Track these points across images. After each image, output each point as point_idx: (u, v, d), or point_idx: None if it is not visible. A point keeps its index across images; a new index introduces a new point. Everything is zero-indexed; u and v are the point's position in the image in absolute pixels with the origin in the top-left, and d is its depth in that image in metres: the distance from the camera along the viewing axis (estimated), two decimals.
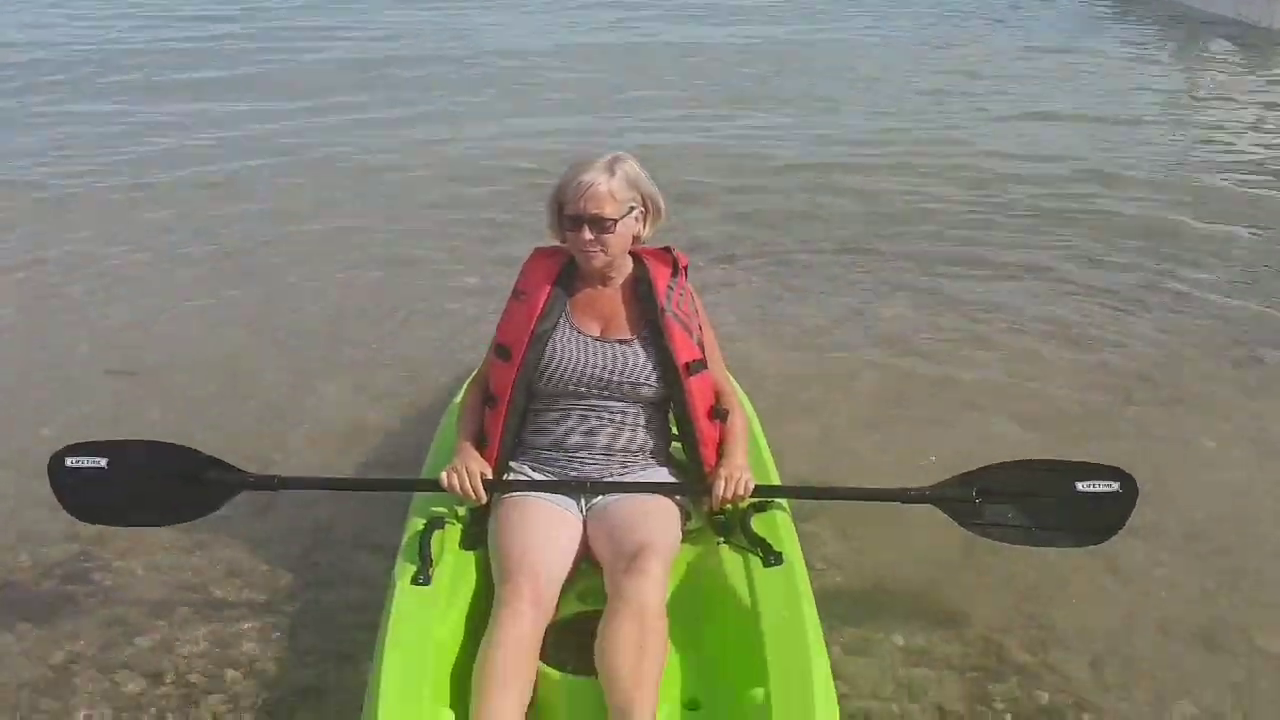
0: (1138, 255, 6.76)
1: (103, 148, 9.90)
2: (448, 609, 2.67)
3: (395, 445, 4.46)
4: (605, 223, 2.94)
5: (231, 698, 2.98)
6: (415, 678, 2.41)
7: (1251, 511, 3.92)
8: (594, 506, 2.95)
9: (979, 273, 6.45)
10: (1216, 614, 3.35)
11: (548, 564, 2.75)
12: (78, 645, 3.21)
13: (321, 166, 9.27)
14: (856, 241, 7.12)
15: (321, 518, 3.88)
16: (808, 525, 3.52)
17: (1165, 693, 2.99)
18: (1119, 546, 3.16)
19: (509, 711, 2.39)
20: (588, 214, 2.92)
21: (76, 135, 10.33)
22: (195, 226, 7.65)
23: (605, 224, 2.94)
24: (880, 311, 5.94)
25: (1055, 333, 5.58)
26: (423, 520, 2.95)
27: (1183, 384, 5.02)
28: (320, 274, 6.66)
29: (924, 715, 2.89)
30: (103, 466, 3.10)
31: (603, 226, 2.94)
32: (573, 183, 2.95)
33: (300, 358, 5.44)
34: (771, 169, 8.98)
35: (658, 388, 3.03)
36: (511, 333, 3.06)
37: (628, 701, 2.35)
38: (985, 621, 3.29)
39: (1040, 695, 2.97)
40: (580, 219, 2.94)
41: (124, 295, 6.33)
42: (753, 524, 2.93)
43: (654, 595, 2.59)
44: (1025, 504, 3.08)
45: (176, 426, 4.50)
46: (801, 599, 2.66)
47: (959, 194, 8.16)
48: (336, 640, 3.22)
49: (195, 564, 3.64)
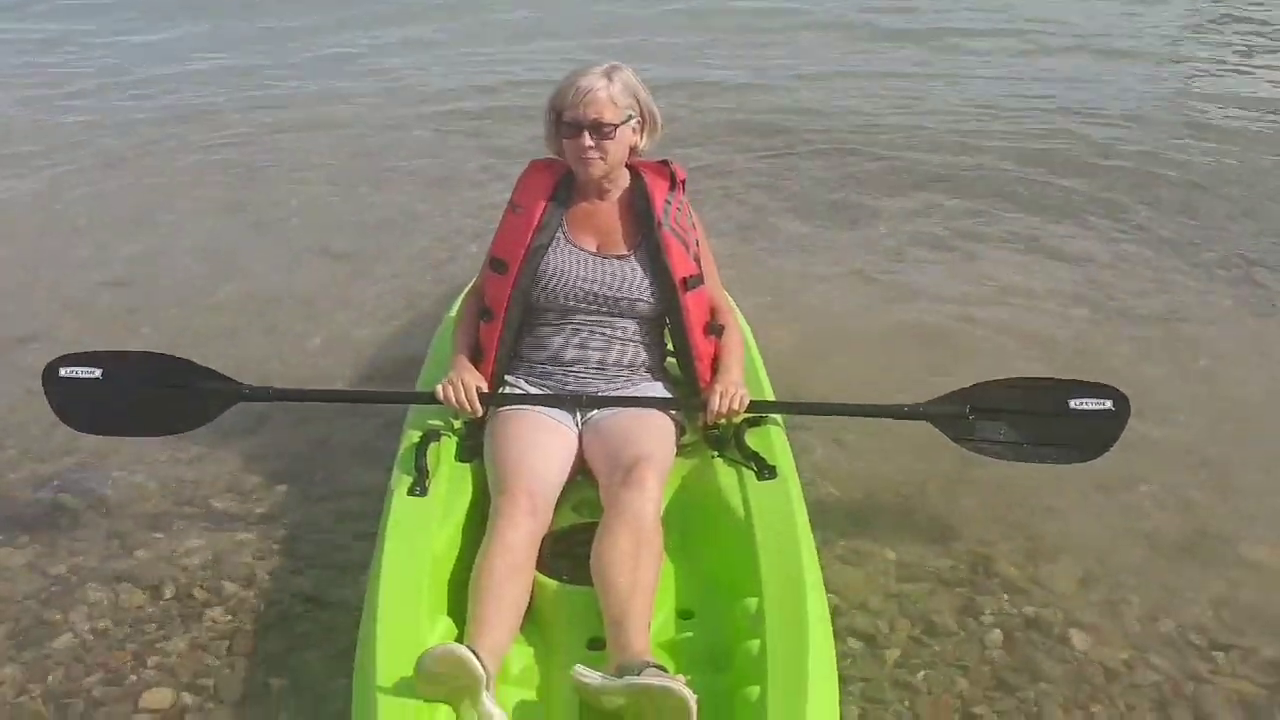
0: (1133, 178, 6.71)
1: (94, 66, 9.80)
2: (444, 520, 2.69)
3: (390, 358, 4.46)
4: (605, 128, 2.90)
5: (231, 609, 3.01)
6: (413, 588, 2.44)
7: (1240, 427, 3.94)
8: (590, 420, 2.96)
9: (974, 193, 6.42)
10: (1203, 527, 3.38)
11: (544, 475, 2.76)
12: (77, 558, 3.24)
13: (314, 84, 9.18)
14: (852, 159, 7.07)
15: (318, 430, 3.90)
16: (802, 440, 3.54)
17: (1152, 605, 3.02)
18: (1109, 462, 3.18)
19: (505, 618, 2.41)
20: (587, 119, 2.89)
21: (71, 52, 10.21)
22: (188, 143, 7.60)
23: (605, 129, 2.90)
24: (876, 228, 5.92)
25: (1051, 253, 5.56)
26: (419, 433, 2.96)
27: (1178, 303, 5.02)
28: (313, 189, 6.62)
29: (913, 628, 2.93)
30: (97, 376, 3.10)
31: (602, 132, 2.90)
32: (572, 87, 2.90)
33: (293, 271, 5.43)
34: (768, 90, 8.87)
35: (654, 303, 3.02)
36: (507, 246, 3.04)
37: (623, 611, 2.38)
38: (975, 535, 3.32)
39: (1028, 609, 3.00)
40: (579, 124, 2.90)
41: (117, 209, 6.30)
42: (747, 438, 2.95)
43: (649, 507, 2.61)
44: (1019, 421, 3.10)
45: (170, 340, 4.50)
46: (795, 512, 2.68)
47: (955, 118, 8.08)
48: (334, 551, 3.25)
49: (193, 477, 3.66)
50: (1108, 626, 2.94)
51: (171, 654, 2.84)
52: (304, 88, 9.05)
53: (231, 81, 9.52)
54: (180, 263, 5.56)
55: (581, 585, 2.54)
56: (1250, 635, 2.90)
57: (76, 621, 2.97)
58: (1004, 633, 2.91)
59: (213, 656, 2.83)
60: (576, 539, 2.69)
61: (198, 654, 2.84)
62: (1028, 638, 2.89)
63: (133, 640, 2.90)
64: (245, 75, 9.71)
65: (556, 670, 2.39)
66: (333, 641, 2.83)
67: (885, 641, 2.87)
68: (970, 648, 2.85)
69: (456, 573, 2.61)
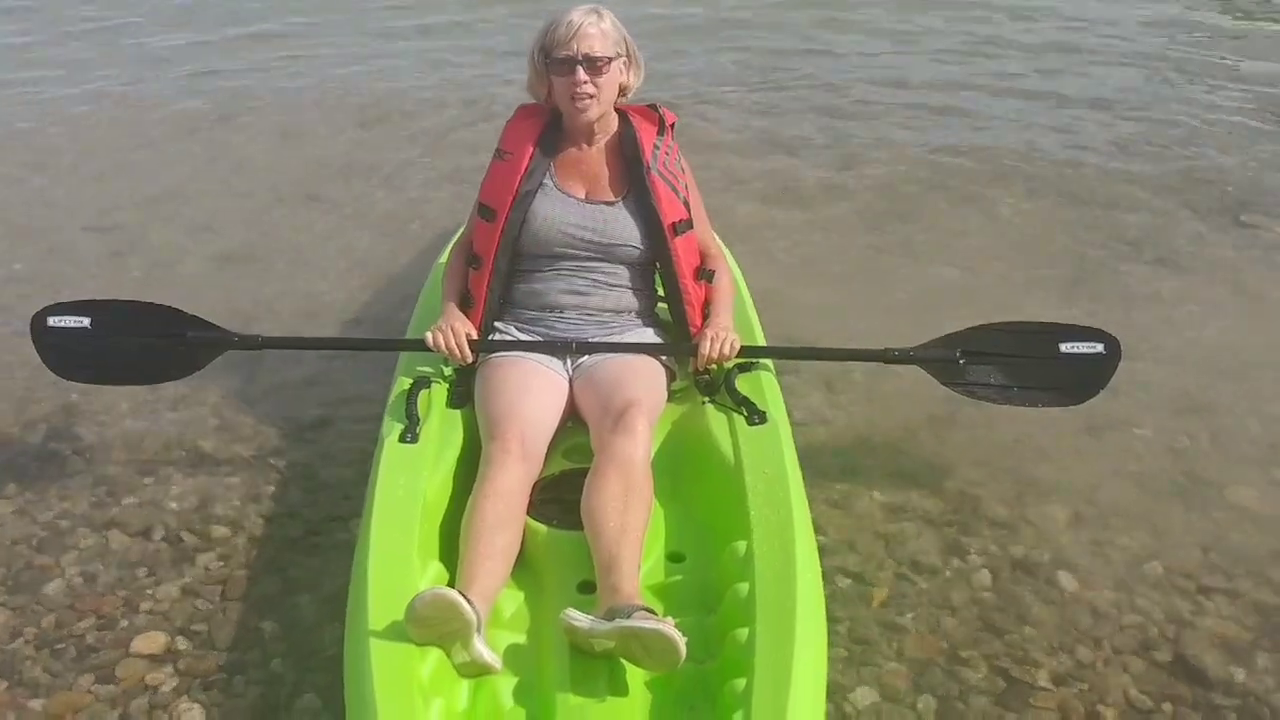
0: (1123, 120, 6.70)
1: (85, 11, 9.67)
2: (435, 466, 2.69)
3: (380, 305, 4.45)
4: (598, 62, 2.86)
5: (222, 555, 3.02)
6: (404, 533, 2.44)
7: (1229, 371, 3.97)
8: (580, 366, 2.95)
9: (967, 132, 6.40)
10: (1191, 470, 3.41)
11: (534, 420, 2.76)
12: (66, 503, 3.25)
13: (303, 27, 9.06)
14: (844, 98, 7.02)
15: (308, 376, 3.90)
16: (792, 385, 3.54)
17: (1139, 547, 3.05)
18: (1098, 405, 3.19)
19: (496, 561, 2.42)
20: (580, 54, 2.85)
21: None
22: (175, 88, 7.52)
23: (598, 63, 2.86)
24: (868, 170, 5.89)
25: (1043, 195, 5.57)
26: (409, 379, 2.95)
27: (1169, 246, 5.03)
28: (300, 134, 6.56)
29: (900, 567, 2.95)
30: (86, 326, 3.08)
31: (596, 67, 2.86)
32: (562, 24, 2.86)
33: (281, 218, 5.40)
34: (754, 24, 8.78)
35: (643, 249, 3.00)
36: (495, 193, 3.01)
37: (612, 555, 2.38)
38: (964, 478, 3.34)
39: (1016, 549, 3.03)
40: (573, 60, 2.85)
41: (103, 155, 6.24)
42: (737, 383, 2.94)
43: (640, 451, 2.61)
44: (1009, 364, 3.10)
45: (158, 287, 4.48)
46: (785, 456, 2.68)
47: (952, 55, 8.05)
48: (325, 495, 3.26)
49: (182, 422, 3.66)
50: (1096, 568, 2.97)
51: (163, 599, 2.85)
52: (293, 31, 8.94)
53: (220, 23, 9.39)
54: (168, 208, 5.52)
55: (572, 530, 2.54)
56: (1236, 578, 2.94)
57: (67, 567, 2.98)
58: (992, 573, 2.94)
59: (205, 601, 2.84)
60: (567, 485, 2.68)
61: (189, 599, 2.85)
62: (1015, 578, 2.92)
63: (124, 585, 2.91)
64: (234, 17, 9.57)
65: (547, 614, 2.40)
66: (324, 585, 2.85)
67: (872, 580, 2.90)
68: (958, 588, 2.88)
69: (448, 519, 2.61)
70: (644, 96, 3.10)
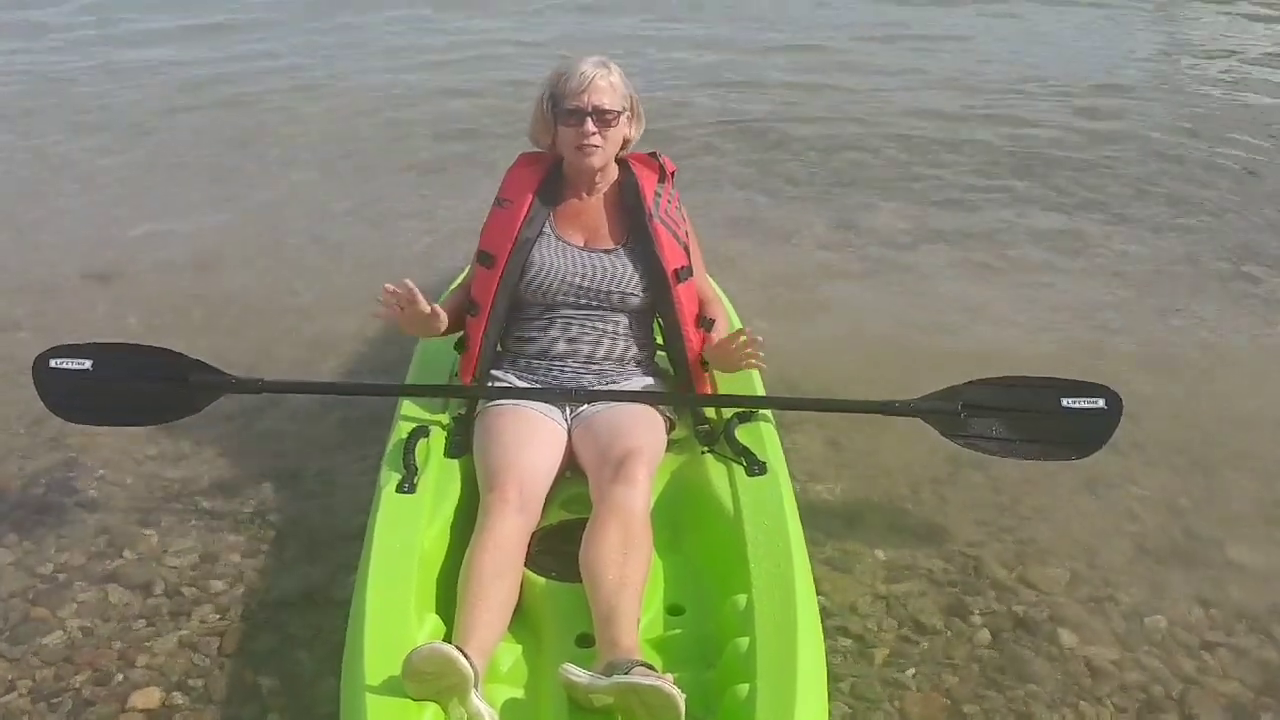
0: (1125, 173, 6.72)
1: (83, 51, 9.76)
2: (433, 517, 2.68)
3: (380, 350, 4.45)
4: (608, 115, 2.91)
5: (220, 608, 2.99)
6: (401, 586, 2.42)
7: (1227, 428, 3.94)
8: (580, 415, 2.95)
9: (967, 190, 6.40)
10: (1191, 527, 3.38)
11: (533, 470, 2.75)
12: (65, 556, 3.23)
13: (306, 73, 9.13)
14: (844, 153, 7.06)
15: (307, 424, 3.90)
16: (793, 436, 3.54)
17: (1139, 604, 3.02)
18: (1098, 462, 3.18)
19: (494, 615, 2.40)
20: (591, 106, 2.89)
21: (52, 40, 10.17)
22: (174, 132, 7.59)
23: (608, 116, 2.91)
24: (869, 224, 5.90)
25: (1044, 254, 5.55)
26: (407, 428, 2.95)
27: (1171, 301, 5.02)
28: (301, 177, 6.60)
29: (901, 628, 2.92)
30: (87, 368, 3.12)
31: (605, 120, 2.91)
32: (574, 75, 2.90)
33: (281, 262, 5.42)
34: (756, 75, 8.85)
35: (644, 296, 3.01)
36: (494, 240, 3.03)
37: (611, 608, 2.37)
38: (965, 535, 3.31)
39: (1017, 609, 3.00)
40: (583, 111, 2.90)
41: (103, 200, 6.28)
42: (737, 433, 2.94)
43: (639, 502, 2.61)
44: (1010, 418, 3.10)
45: (158, 332, 4.52)
46: (785, 508, 2.67)
47: (950, 109, 8.08)
48: (325, 548, 3.23)
49: (182, 473, 3.65)
50: (1096, 625, 2.94)
51: (160, 653, 2.82)
52: (296, 76, 9.02)
53: (224, 67, 9.45)
54: (169, 250, 5.53)
55: (570, 582, 2.53)
56: (1238, 635, 2.91)
57: (65, 619, 2.96)
58: (992, 632, 2.91)
59: (202, 655, 2.81)
60: (566, 535, 2.68)
61: (187, 653, 2.82)
62: (1016, 636, 2.89)
63: (121, 639, 2.88)
64: (239, 60, 9.64)
65: (545, 668, 2.38)
66: (323, 640, 2.82)
67: (874, 640, 2.87)
68: (959, 646, 2.85)
69: (445, 570, 2.60)
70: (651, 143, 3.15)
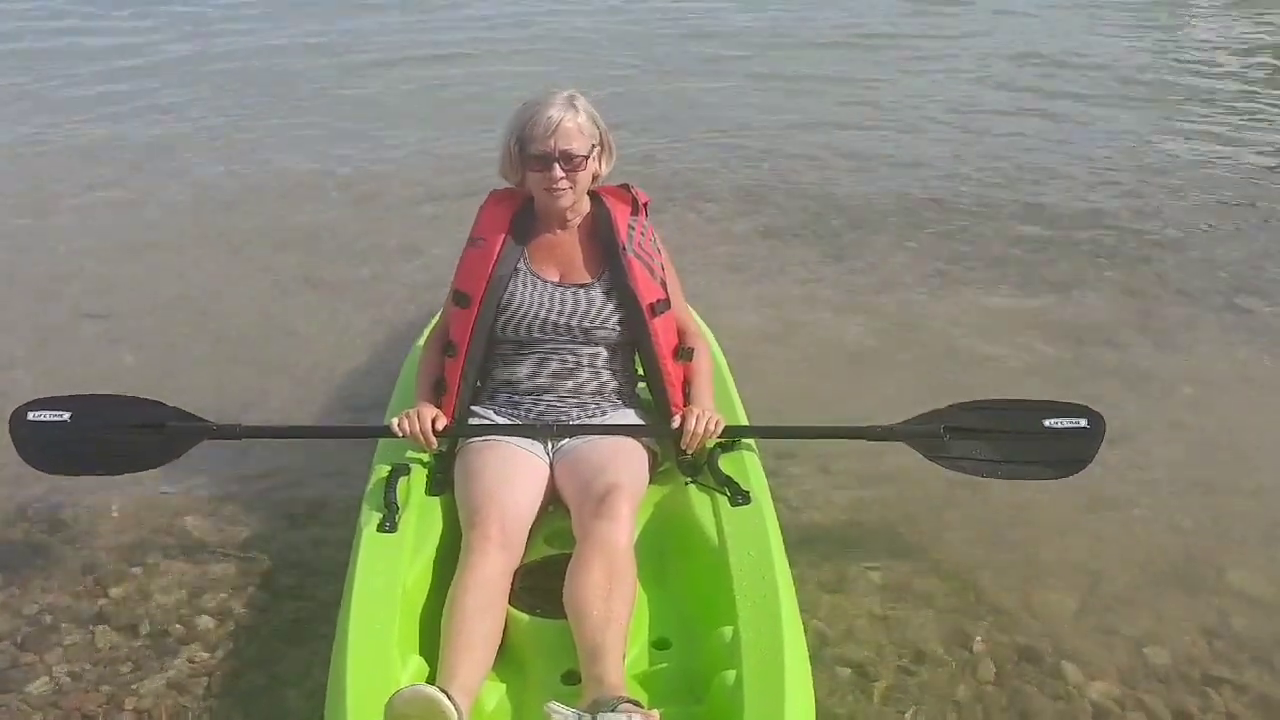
0: (1112, 200, 6.71)
1: (70, 90, 9.77)
2: (415, 556, 2.67)
3: (364, 388, 4.45)
4: (576, 159, 2.90)
5: (208, 647, 2.99)
6: (383, 626, 2.42)
7: (1225, 452, 3.95)
8: (561, 449, 2.94)
9: (954, 223, 6.36)
10: (1192, 554, 3.38)
11: (515, 507, 2.74)
12: (50, 596, 3.22)
13: (291, 107, 9.14)
14: (833, 186, 7.04)
15: (294, 460, 3.89)
16: (783, 462, 3.53)
17: (1143, 635, 3.01)
18: (1094, 486, 3.17)
19: (478, 654, 2.40)
20: (558, 151, 2.88)
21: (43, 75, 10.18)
22: (165, 171, 7.56)
23: (576, 160, 2.90)
24: (854, 256, 5.89)
25: (1031, 277, 5.56)
26: (387, 467, 2.94)
27: (1164, 328, 5.01)
28: (288, 216, 6.60)
29: (902, 658, 2.91)
30: (65, 420, 3.10)
31: (573, 164, 2.90)
32: (540, 119, 2.88)
33: (270, 301, 5.41)
34: (737, 114, 8.86)
35: (621, 330, 3.01)
36: (469, 280, 3.03)
37: (596, 644, 2.36)
38: (961, 559, 3.31)
39: (1018, 637, 2.99)
40: (549, 157, 2.89)
41: (94, 239, 6.27)
42: (720, 463, 2.94)
43: (623, 537, 2.60)
44: (993, 440, 3.10)
45: (149, 372, 4.54)
46: (769, 537, 2.67)
47: (930, 143, 8.04)
48: (313, 585, 3.23)
49: (167, 511, 3.64)
50: (1100, 658, 2.93)
51: (148, 695, 2.82)
52: (292, 113, 9.02)
53: (213, 101, 9.46)
54: (162, 292, 5.53)
55: (555, 618, 2.52)
56: (1243, 667, 2.90)
57: (52, 664, 2.95)
58: (995, 665, 2.90)
59: (190, 697, 2.81)
60: (549, 571, 2.66)
61: (174, 695, 2.82)
62: (1019, 670, 2.88)
63: (109, 681, 2.88)
64: (229, 94, 9.65)
65: (531, 706, 2.38)
66: (312, 678, 2.80)
67: (874, 674, 2.85)
68: (961, 681, 2.84)
69: (428, 609, 2.59)
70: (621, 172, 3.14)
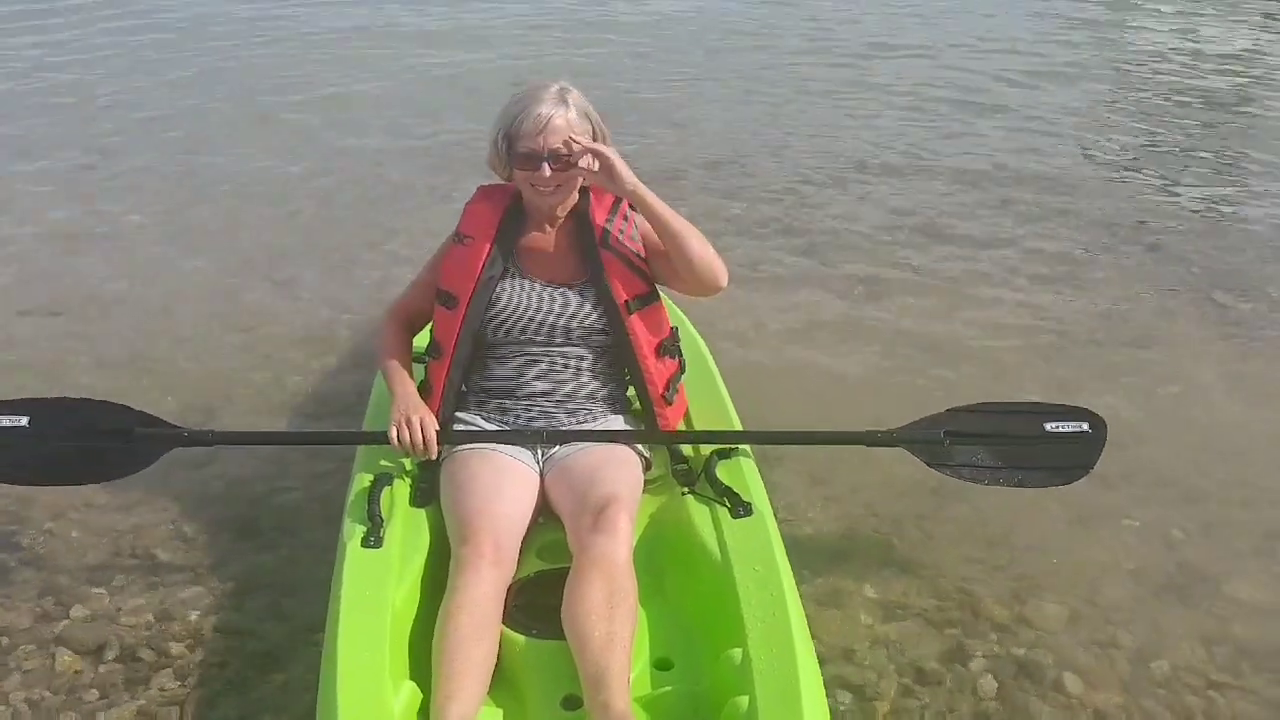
0: (1096, 203, 6.69)
1: (24, 82, 9.52)
2: (402, 572, 2.53)
3: (340, 391, 4.31)
4: (565, 158, 2.78)
5: (180, 672, 2.83)
6: (373, 648, 2.28)
7: (1216, 457, 3.91)
8: (551, 458, 2.82)
9: (944, 225, 6.30)
10: (1186, 562, 3.33)
11: (507, 520, 2.62)
12: (9, 617, 3.05)
13: (256, 105, 8.94)
14: (817, 186, 6.97)
15: (266, 471, 3.74)
16: (773, 472, 3.43)
17: (1142, 645, 2.97)
18: (1089, 494, 3.12)
19: (473, 680, 2.28)
20: (546, 150, 2.76)
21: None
22: (124, 164, 7.36)
23: (565, 159, 2.78)
24: (843, 257, 5.82)
25: (1022, 281, 5.51)
26: (370, 476, 2.79)
27: (1149, 331, 4.98)
28: (255, 214, 6.44)
29: (902, 676, 2.84)
30: (24, 425, 2.92)
31: (563, 163, 2.78)
32: (528, 116, 2.76)
33: (236, 301, 5.25)
34: (732, 106, 8.79)
35: (602, 329, 2.89)
36: (455, 279, 2.90)
37: (600, 667, 2.24)
38: (958, 572, 3.24)
39: (1018, 651, 2.93)
40: (538, 156, 2.77)
41: (49, 236, 6.07)
42: (718, 472, 2.83)
43: (622, 552, 2.48)
44: (995, 445, 3.04)
45: (108, 374, 4.37)
46: (775, 553, 2.55)
47: (922, 143, 7.98)
48: (289, 603, 3.09)
49: (134, 526, 3.47)
50: (1100, 669, 2.88)
51: None
52: (252, 104, 8.83)
53: (176, 94, 9.21)
54: (118, 288, 5.35)
55: (552, 639, 2.40)
56: (1245, 674, 2.86)
57: (10, 691, 2.78)
58: (995, 678, 2.83)
59: None
60: (544, 588, 2.54)
61: None
62: (1020, 684, 2.82)
63: (72, 709, 2.72)
64: (194, 86, 9.42)
65: None
66: (290, 706, 2.68)
67: (874, 692, 2.77)
68: (964, 698, 2.76)
69: (418, 630, 2.46)
70: None
